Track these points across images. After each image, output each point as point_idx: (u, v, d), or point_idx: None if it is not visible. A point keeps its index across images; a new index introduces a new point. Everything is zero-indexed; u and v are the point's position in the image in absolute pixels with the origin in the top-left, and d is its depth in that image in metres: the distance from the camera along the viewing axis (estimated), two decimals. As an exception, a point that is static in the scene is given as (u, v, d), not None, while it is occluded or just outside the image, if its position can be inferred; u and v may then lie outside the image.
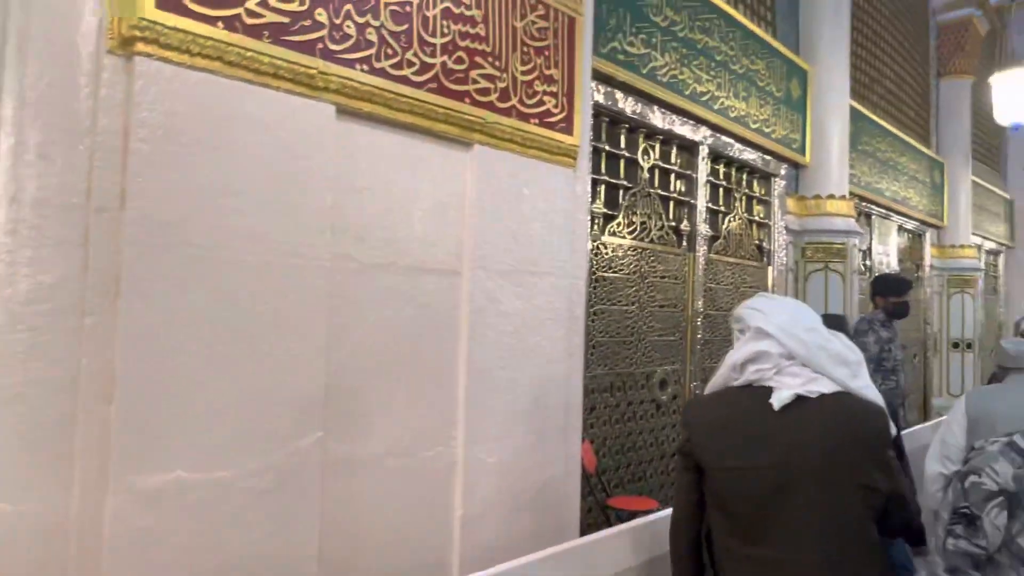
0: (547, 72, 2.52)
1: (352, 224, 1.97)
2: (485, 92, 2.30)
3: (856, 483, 1.42)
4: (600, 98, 3.38)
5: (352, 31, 1.91)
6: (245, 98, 1.71)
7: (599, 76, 3.28)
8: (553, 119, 2.54)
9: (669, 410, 3.85)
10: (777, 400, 1.48)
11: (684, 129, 3.93)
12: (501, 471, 2.33)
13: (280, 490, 1.75)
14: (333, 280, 1.91)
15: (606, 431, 3.40)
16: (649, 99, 3.64)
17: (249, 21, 1.69)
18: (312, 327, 1.84)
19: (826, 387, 1.51)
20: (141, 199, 1.53)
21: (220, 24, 1.64)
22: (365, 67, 1.95)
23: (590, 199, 3.29)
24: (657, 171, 3.87)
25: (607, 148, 3.51)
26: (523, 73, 2.42)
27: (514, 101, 2.40)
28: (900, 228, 7.42)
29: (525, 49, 2.43)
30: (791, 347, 1.54)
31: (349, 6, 1.90)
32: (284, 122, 1.78)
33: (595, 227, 3.42)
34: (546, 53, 2.51)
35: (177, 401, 1.58)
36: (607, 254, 3.45)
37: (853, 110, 5.93)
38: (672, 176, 3.99)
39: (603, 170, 3.50)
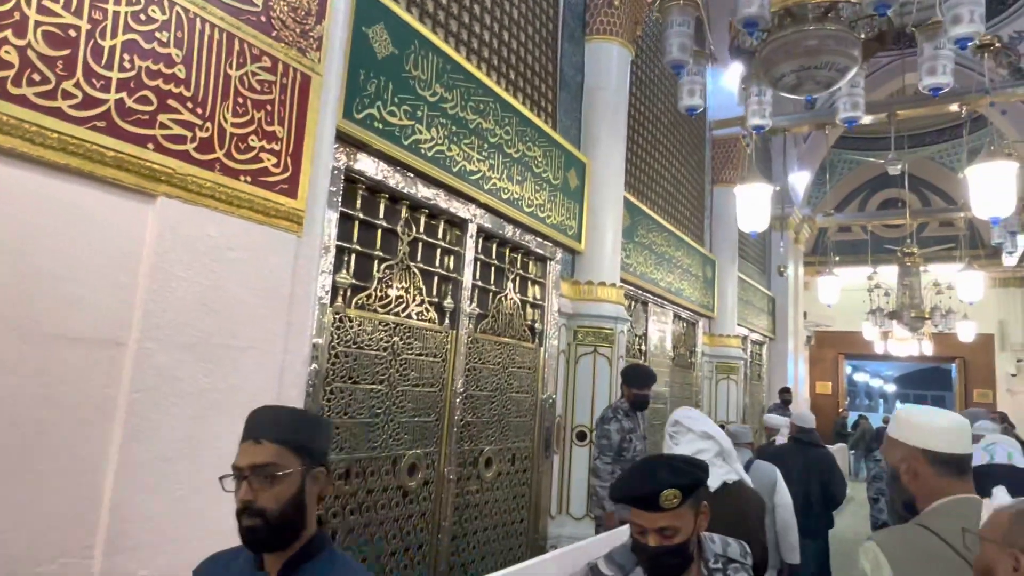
0: (268, 128, 2.31)
1: (-46, 278, 1.58)
2: (179, 140, 2.03)
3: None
4: (360, 165, 3.23)
5: (-24, 46, 1.58)
6: None
7: (351, 141, 3.13)
8: (272, 179, 2.32)
9: (419, 497, 3.61)
10: (712, 485, 2.20)
11: (452, 205, 3.88)
12: (159, 585, 1.94)
13: None
14: (-89, 347, 1.50)
15: (336, 524, 3.08)
16: (414, 172, 3.55)
17: None
18: None
19: (732, 476, 2.39)
20: None
21: None
22: (-7, 90, 1.61)
23: (331, 268, 3.08)
24: (421, 244, 3.76)
25: (361, 216, 3.34)
26: (235, 125, 2.19)
27: (219, 154, 2.15)
28: (676, 316, 8.00)
29: (240, 100, 2.21)
30: (725, 447, 2.42)
31: (-25, 16, 1.58)
32: None
33: (340, 299, 3.20)
34: (268, 107, 2.31)
35: None
36: (352, 328, 3.23)
37: (632, 204, 6.36)
38: (439, 251, 3.90)
39: (355, 239, 3.31)
